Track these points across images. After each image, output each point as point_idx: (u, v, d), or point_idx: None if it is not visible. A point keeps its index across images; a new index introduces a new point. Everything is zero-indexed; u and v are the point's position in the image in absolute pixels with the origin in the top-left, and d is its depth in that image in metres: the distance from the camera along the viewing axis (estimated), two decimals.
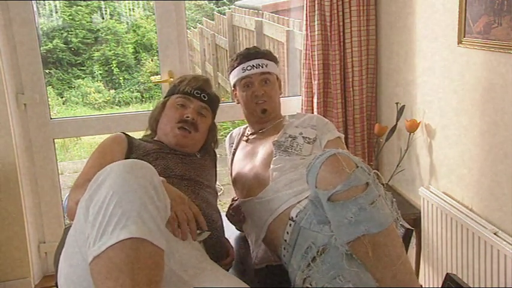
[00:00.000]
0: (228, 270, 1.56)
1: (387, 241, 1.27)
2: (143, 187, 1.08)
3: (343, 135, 1.94)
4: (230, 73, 1.99)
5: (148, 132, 1.85)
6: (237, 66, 1.95)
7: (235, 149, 2.01)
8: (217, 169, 1.91)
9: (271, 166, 1.73)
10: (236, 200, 1.92)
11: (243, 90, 1.94)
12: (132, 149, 1.62)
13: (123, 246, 1.02)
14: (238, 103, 2.01)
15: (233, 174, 1.93)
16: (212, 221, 1.51)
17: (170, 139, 1.71)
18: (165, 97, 1.83)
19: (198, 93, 1.76)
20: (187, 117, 1.71)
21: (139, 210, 1.06)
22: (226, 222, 1.84)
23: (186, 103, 1.75)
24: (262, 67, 1.91)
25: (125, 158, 1.57)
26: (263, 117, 1.93)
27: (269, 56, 1.97)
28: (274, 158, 1.74)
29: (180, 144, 1.71)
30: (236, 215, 1.86)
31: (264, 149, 1.84)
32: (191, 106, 1.74)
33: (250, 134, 1.99)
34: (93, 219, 1.06)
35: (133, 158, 1.57)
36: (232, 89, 2.02)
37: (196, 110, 1.74)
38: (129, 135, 1.69)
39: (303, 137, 1.80)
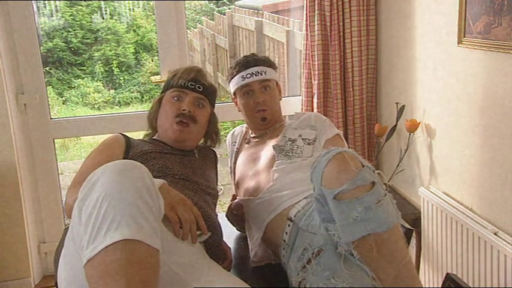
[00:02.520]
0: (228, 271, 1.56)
1: (392, 241, 1.27)
2: (135, 188, 1.07)
3: (341, 132, 1.94)
4: (230, 81, 2.00)
5: (150, 131, 1.84)
6: (236, 75, 1.95)
7: (238, 149, 2.01)
8: (218, 170, 1.91)
9: (273, 168, 1.73)
10: (236, 198, 1.92)
11: (244, 98, 1.94)
12: (129, 149, 1.61)
13: (116, 248, 1.01)
14: (239, 111, 2.01)
15: (236, 179, 1.94)
16: (210, 219, 1.50)
17: (169, 135, 1.69)
18: (161, 93, 1.81)
19: (193, 84, 1.72)
20: (184, 110, 1.68)
21: (132, 212, 1.05)
22: (226, 223, 1.83)
23: (181, 96, 1.71)
24: (261, 74, 1.92)
25: (123, 158, 1.56)
26: (263, 125, 1.94)
27: (267, 62, 1.97)
28: (276, 162, 1.75)
29: (180, 139, 1.69)
30: (238, 212, 1.85)
31: (266, 153, 1.85)
32: (186, 99, 1.70)
33: (252, 137, 1.99)
34: (86, 222, 1.05)
35: (131, 158, 1.56)
36: (233, 96, 2.02)
37: (192, 102, 1.71)
38: (127, 136, 1.69)
39: (302, 138, 1.81)
